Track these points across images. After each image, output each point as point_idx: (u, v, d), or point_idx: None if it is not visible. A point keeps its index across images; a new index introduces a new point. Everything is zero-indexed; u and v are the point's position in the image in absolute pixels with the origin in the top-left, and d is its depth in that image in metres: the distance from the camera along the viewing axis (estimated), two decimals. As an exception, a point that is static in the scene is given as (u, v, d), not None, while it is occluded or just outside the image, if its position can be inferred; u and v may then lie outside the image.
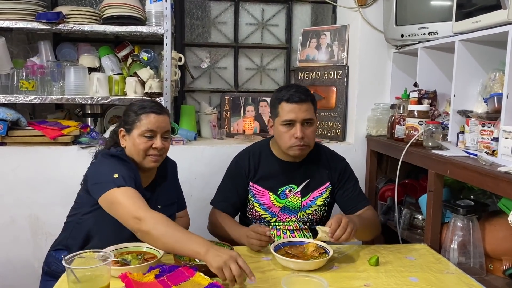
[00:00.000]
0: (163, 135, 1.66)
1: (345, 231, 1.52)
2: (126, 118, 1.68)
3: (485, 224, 1.71)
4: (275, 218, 1.85)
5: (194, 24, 2.99)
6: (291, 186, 1.84)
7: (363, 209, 1.84)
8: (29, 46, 2.65)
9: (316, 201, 1.85)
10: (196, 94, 3.06)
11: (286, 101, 1.73)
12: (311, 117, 1.74)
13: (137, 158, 1.65)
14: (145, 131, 1.63)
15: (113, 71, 2.57)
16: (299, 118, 1.71)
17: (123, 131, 1.69)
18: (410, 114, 2.04)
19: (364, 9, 2.55)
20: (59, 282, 1.38)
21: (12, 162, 2.31)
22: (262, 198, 1.85)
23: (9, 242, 2.35)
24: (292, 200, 1.84)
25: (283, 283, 1.25)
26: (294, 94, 1.72)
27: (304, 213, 1.85)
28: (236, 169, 1.89)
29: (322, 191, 1.86)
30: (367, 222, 1.76)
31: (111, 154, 1.64)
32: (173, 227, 1.42)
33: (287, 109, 1.72)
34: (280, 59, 3.11)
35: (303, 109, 1.72)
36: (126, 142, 1.68)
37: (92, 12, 2.40)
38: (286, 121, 1.73)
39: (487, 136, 1.66)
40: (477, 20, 1.70)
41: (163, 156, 1.70)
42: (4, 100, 2.30)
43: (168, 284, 1.27)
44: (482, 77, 1.83)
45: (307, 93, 1.77)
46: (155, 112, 1.65)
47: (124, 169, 1.57)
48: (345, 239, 1.52)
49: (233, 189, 1.88)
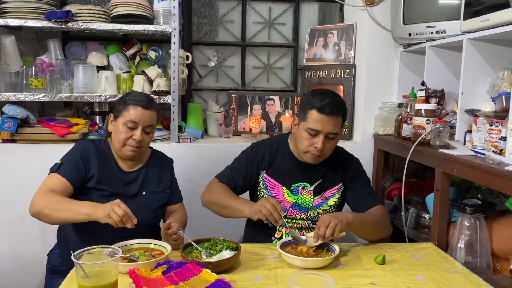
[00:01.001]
0: (144, 129, 1.74)
1: (327, 227, 1.51)
2: (117, 105, 1.78)
3: (492, 224, 1.70)
4: (285, 213, 1.84)
5: (202, 23, 3.00)
6: (305, 184, 1.84)
7: (372, 208, 1.81)
8: (39, 44, 2.68)
9: (328, 201, 1.85)
10: (203, 93, 3.07)
11: (317, 110, 1.68)
12: (337, 131, 1.72)
13: (116, 145, 1.76)
14: (128, 121, 1.72)
15: (121, 70, 2.59)
16: (324, 131, 1.69)
17: (112, 117, 1.80)
18: (418, 113, 2.04)
19: (371, 7, 2.54)
20: (66, 280, 1.39)
21: (21, 159, 2.34)
22: (275, 192, 1.85)
23: (18, 238, 2.38)
24: (304, 198, 1.84)
25: (289, 281, 1.25)
26: (327, 106, 1.67)
27: (314, 212, 1.84)
28: (251, 154, 1.89)
29: (334, 191, 1.86)
30: (369, 218, 1.73)
31: (80, 142, 1.85)
32: (62, 200, 1.60)
33: (315, 118, 1.69)
34: (287, 58, 3.11)
35: (331, 122, 1.68)
36: (112, 127, 1.79)
37: (101, 11, 2.42)
38: (311, 130, 1.70)
39: (495, 135, 1.66)
40: (485, 18, 1.70)
41: (142, 148, 1.78)
42: (14, 97, 2.33)
43: (176, 280, 1.29)
44: (490, 76, 1.83)
45: (340, 107, 1.71)
46: (142, 106, 1.73)
47: (73, 156, 1.73)
48: (329, 234, 1.51)
49: (241, 172, 1.87)
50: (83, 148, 1.77)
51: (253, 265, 1.51)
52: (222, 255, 1.49)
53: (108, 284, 1.17)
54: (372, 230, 1.76)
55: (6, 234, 2.38)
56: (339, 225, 1.53)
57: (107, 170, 1.77)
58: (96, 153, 1.77)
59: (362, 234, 1.77)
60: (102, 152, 1.80)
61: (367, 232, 1.77)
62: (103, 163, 1.77)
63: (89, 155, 1.75)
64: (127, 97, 1.78)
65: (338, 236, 1.56)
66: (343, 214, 1.61)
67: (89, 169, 1.73)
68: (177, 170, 2.07)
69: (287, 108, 2.88)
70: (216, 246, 1.55)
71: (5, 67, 2.35)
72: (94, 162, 1.75)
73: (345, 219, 1.57)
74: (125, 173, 1.81)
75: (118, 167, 1.80)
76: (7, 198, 2.35)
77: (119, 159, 1.81)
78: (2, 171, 2.34)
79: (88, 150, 1.76)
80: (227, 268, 1.45)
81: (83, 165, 1.72)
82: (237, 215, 1.74)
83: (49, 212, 1.57)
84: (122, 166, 1.81)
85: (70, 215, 1.56)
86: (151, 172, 1.86)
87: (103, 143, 1.83)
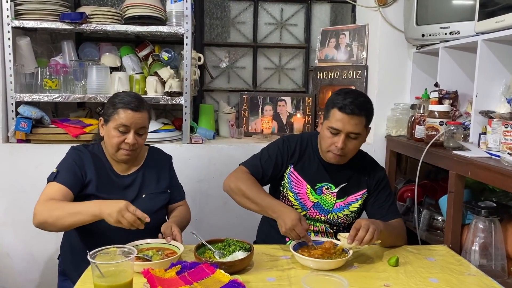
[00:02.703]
0: (137, 131, 1.70)
1: (367, 232, 1.51)
2: (106, 108, 1.74)
3: (507, 226, 1.68)
4: (306, 212, 1.82)
5: (214, 24, 3.01)
6: (329, 185, 1.82)
7: (392, 221, 1.77)
8: (53, 45, 2.71)
9: (350, 206, 1.83)
10: (215, 94, 3.08)
11: (338, 109, 1.67)
12: (358, 131, 1.69)
13: (110, 149, 1.72)
14: (119, 125, 1.67)
15: (134, 71, 2.60)
16: (345, 130, 1.67)
17: (102, 121, 1.75)
18: (431, 114, 2.02)
19: (384, 8, 2.53)
20: (81, 280, 1.40)
21: (36, 159, 2.37)
22: (299, 188, 1.83)
23: (33, 237, 2.41)
24: (327, 199, 1.82)
25: (303, 282, 1.25)
26: (349, 105, 1.65)
27: (335, 215, 1.82)
28: (283, 146, 1.86)
29: (358, 197, 1.83)
30: (393, 230, 1.71)
31: (73, 147, 1.77)
32: (64, 206, 1.55)
33: (336, 117, 1.68)
34: (299, 59, 3.11)
35: (352, 122, 1.66)
36: (104, 131, 1.74)
37: (114, 12, 2.44)
38: (332, 128, 1.70)
39: (510, 137, 1.64)
40: (501, 19, 1.68)
41: (136, 151, 1.74)
42: (28, 98, 2.36)
43: (189, 281, 1.29)
44: (505, 77, 1.81)
45: (363, 107, 1.69)
46: (131, 109, 1.68)
47: (68, 162, 1.69)
48: (368, 239, 1.50)
49: (271, 163, 1.83)
50: (76, 154, 1.73)
51: (266, 266, 1.51)
52: (235, 255, 1.49)
53: (124, 284, 1.18)
54: (393, 241, 1.74)
55: (21, 233, 2.41)
56: (377, 232, 1.52)
57: (103, 174, 1.73)
58: (91, 158, 1.73)
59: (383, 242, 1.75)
60: (96, 157, 1.75)
61: (387, 243, 1.73)
62: (99, 168, 1.73)
63: (83, 160, 1.71)
64: (116, 99, 1.71)
65: (375, 243, 1.55)
66: (376, 222, 1.59)
67: (85, 174, 1.69)
68: (189, 171, 2.09)
69: (298, 109, 2.88)
70: (229, 247, 1.55)
71: (20, 68, 2.38)
72: (90, 167, 1.71)
73: (379, 227, 1.56)
74: (121, 177, 1.77)
75: (114, 172, 1.76)
76: (21, 198, 2.38)
77: (114, 163, 1.77)
78: (17, 170, 2.37)
79: (82, 156, 1.72)
80: (241, 269, 1.45)
81: (79, 171, 1.68)
82: (260, 212, 1.73)
83: (53, 220, 1.52)
84: (117, 170, 1.77)
85: (77, 218, 1.51)
86: (148, 173, 1.82)
87: (96, 148, 1.79)
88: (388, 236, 1.67)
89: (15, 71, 2.35)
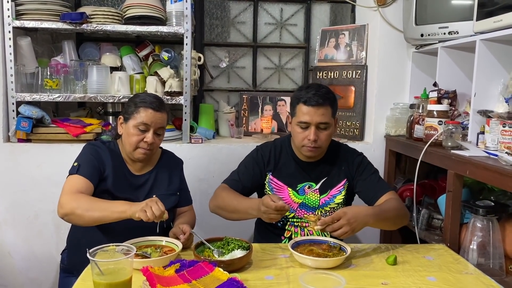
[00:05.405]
0: (156, 131, 1.74)
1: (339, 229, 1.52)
2: (127, 107, 1.77)
3: (505, 225, 1.69)
4: (293, 213, 1.86)
5: (214, 24, 3.02)
6: (310, 183, 1.86)
7: (384, 195, 1.78)
8: (53, 45, 2.72)
9: (335, 199, 1.86)
10: (215, 93, 3.09)
11: (303, 103, 1.73)
12: (327, 121, 1.74)
13: (128, 148, 1.75)
14: (139, 123, 1.71)
15: (134, 70, 2.61)
16: (314, 122, 1.72)
17: (122, 119, 1.79)
18: (430, 114, 2.03)
19: (383, 8, 2.54)
20: (81, 277, 1.41)
21: (36, 158, 2.38)
22: (281, 193, 1.86)
23: (34, 236, 2.42)
24: (311, 197, 1.85)
25: (301, 280, 1.26)
26: (312, 98, 1.72)
27: (322, 211, 1.86)
28: (257, 156, 1.91)
29: (340, 188, 1.87)
30: (389, 214, 1.70)
31: (90, 143, 1.81)
32: (94, 200, 1.60)
33: (303, 111, 1.73)
34: (299, 59, 3.12)
35: (319, 113, 1.72)
36: (122, 129, 1.78)
37: (114, 12, 2.45)
38: (301, 123, 1.74)
39: (508, 136, 1.65)
40: (499, 19, 1.69)
41: (152, 150, 1.77)
42: (29, 98, 2.37)
43: (188, 279, 1.30)
44: (503, 76, 1.82)
45: (326, 96, 1.74)
46: (153, 108, 1.72)
47: (87, 156, 1.72)
48: (335, 234, 1.54)
49: (248, 174, 1.89)
50: (94, 149, 1.76)
51: (265, 265, 1.52)
52: (234, 254, 1.50)
53: (123, 282, 1.18)
54: (392, 223, 1.76)
55: (22, 232, 2.42)
56: (348, 234, 1.53)
57: (119, 171, 1.77)
58: (109, 154, 1.77)
59: (383, 227, 1.76)
60: (114, 153, 1.79)
61: (388, 226, 1.78)
62: (116, 165, 1.77)
63: (101, 155, 1.75)
64: (137, 99, 1.76)
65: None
66: (365, 218, 1.58)
67: (104, 168, 1.74)
68: (189, 170, 2.09)
69: (298, 108, 2.88)
70: (228, 245, 1.56)
71: (21, 68, 2.39)
72: (108, 162, 1.75)
73: (361, 225, 1.57)
74: (134, 176, 1.81)
75: (128, 170, 1.80)
76: (22, 197, 2.39)
77: (129, 162, 1.81)
78: (18, 170, 2.38)
79: (99, 151, 1.76)
80: (239, 267, 1.46)
81: (98, 165, 1.72)
82: (246, 217, 1.76)
83: (81, 212, 1.55)
84: (131, 169, 1.81)
85: (105, 214, 1.55)
86: (161, 174, 1.86)
87: (113, 145, 1.83)
88: (385, 220, 1.70)
89: (16, 71, 2.35)
